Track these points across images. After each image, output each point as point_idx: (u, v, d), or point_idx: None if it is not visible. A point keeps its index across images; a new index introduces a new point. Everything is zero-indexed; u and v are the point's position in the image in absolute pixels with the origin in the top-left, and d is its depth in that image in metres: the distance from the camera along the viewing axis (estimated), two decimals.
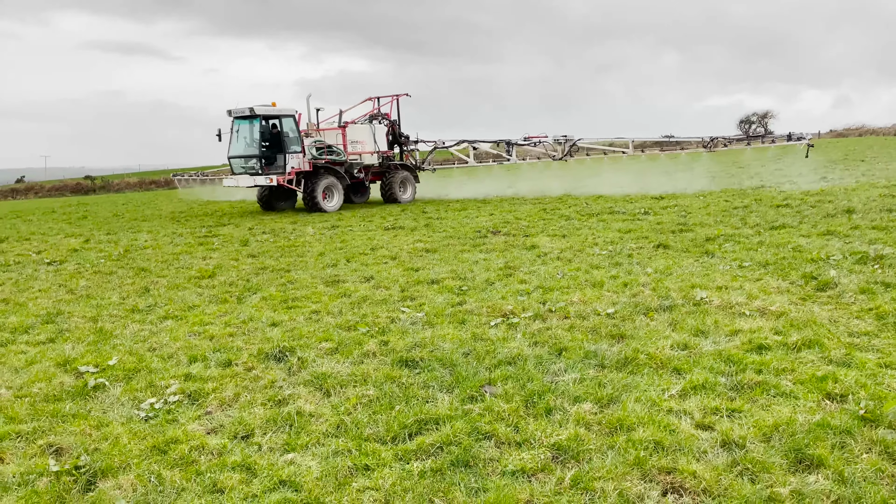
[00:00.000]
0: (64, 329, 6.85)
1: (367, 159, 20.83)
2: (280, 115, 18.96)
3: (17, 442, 4.21)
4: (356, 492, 3.43)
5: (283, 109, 19.00)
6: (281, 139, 18.87)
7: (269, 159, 18.85)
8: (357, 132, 20.62)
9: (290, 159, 18.95)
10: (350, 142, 20.18)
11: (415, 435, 4.05)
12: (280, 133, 18.88)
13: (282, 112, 18.96)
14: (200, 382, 5.08)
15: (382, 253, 10.88)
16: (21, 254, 12.90)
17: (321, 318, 6.85)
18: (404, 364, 5.29)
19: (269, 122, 18.93)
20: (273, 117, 19.00)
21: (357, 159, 20.54)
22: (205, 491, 3.51)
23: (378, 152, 21.16)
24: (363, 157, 20.73)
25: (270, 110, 18.71)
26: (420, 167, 22.97)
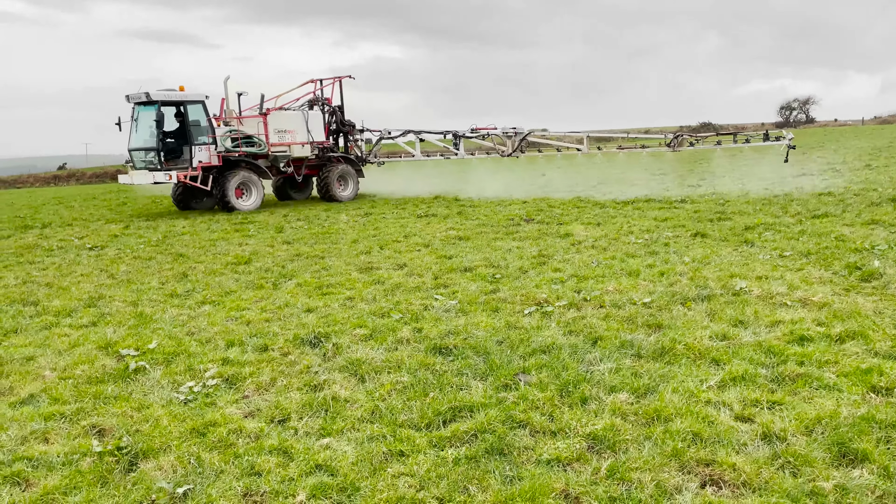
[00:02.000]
0: (105, 313, 7.01)
1: (297, 151, 18.34)
2: (184, 100, 16.70)
3: (61, 422, 4.32)
4: (391, 477, 3.45)
5: (190, 95, 16.75)
6: (186, 129, 16.67)
7: (174, 152, 16.80)
8: (284, 120, 18.28)
9: (196, 152, 16.66)
10: (275, 131, 17.88)
11: (449, 422, 4.06)
12: (185, 122, 16.67)
13: (186, 98, 16.70)
14: (238, 367, 5.16)
15: (415, 240, 10.89)
16: (64, 239, 13.23)
17: (355, 305, 6.89)
18: (438, 351, 5.30)
19: (172, 110, 16.85)
20: (175, 104, 16.77)
21: (284, 151, 18.13)
22: (243, 473, 3.57)
23: (313, 143, 18.68)
24: (292, 148, 18.24)
25: (172, 95, 16.54)
26: (365, 160, 20.66)
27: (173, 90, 16.56)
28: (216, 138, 16.88)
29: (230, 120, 17.55)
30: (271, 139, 17.75)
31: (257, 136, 17.47)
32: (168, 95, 16.43)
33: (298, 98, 19.17)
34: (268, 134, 17.65)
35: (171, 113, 16.88)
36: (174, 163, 16.66)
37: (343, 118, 19.89)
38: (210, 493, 3.37)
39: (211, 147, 16.79)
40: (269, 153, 17.75)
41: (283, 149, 18.11)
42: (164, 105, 16.49)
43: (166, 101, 16.47)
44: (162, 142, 16.56)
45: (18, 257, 11.14)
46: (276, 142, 17.91)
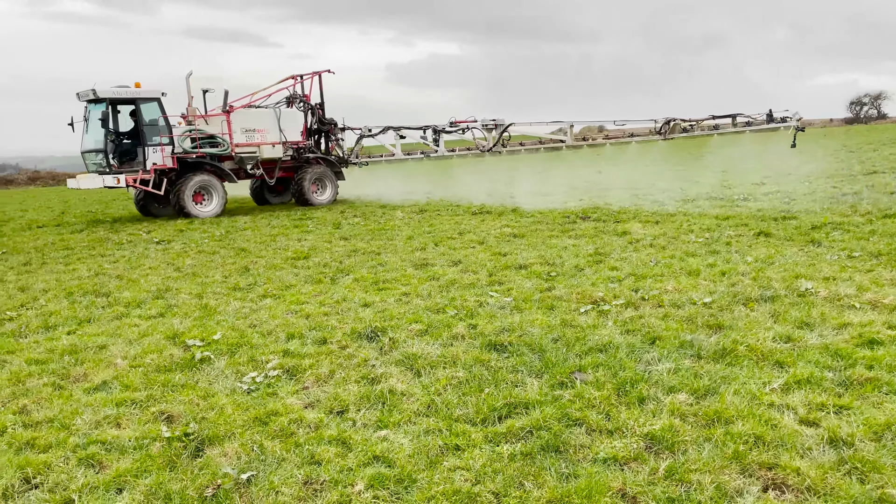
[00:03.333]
0: (172, 304, 7.29)
1: (267, 151, 17.12)
2: (137, 98, 15.58)
3: (132, 408, 4.52)
4: (447, 470, 3.49)
5: (143, 91, 15.66)
6: (139, 129, 15.68)
7: (129, 154, 15.85)
8: (253, 118, 17.04)
9: (150, 154, 15.62)
10: (242, 130, 16.74)
11: (504, 418, 4.07)
12: (138, 121, 15.68)
13: (139, 95, 15.59)
14: (298, 359, 5.29)
15: (470, 237, 10.92)
16: (133, 233, 13.79)
17: (411, 301, 6.96)
18: (493, 348, 5.31)
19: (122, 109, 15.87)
20: (126, 101, 15.66)
21: (252, 152, 16.91)
22: (303, 462, 3.67)
23: (286, 143, 17.47)
24: (262, 148, 17.02)
25: (122, 92, 15.43)
26: (347, 160, 19.14)
27: (127, 87, 15.52)
28: (173, 138, 15.82)
29: (193, 119, 16.37)
30: (237, 139, 16.59)
31: (221, 135, 16.38)
32: (118, 93, 15.39)
33: (270, 94, 17.87)
34: (231, 133, 16.47)
35: (128, 112, 15.99)
36: (129, 165, 15.71)
37: (323, 116, 18.52)
38: (272, 480, 3.48)
39: (167, 148, 15.75)
40: (234, 154, 16.58)
41: (250, 149, 16.88)
42: (113, 103, 15.55)
43: (116, 98, 15.43)
44: (114, 143, 15.65)
45: (91, 250, 11.68)
46: (243, 142, 16.74)
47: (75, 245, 12.43)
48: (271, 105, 17.60)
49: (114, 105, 15.64)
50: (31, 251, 11.96)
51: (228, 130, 16.49)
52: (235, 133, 16.58)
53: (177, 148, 15.79)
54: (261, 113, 17.29)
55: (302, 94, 18.04)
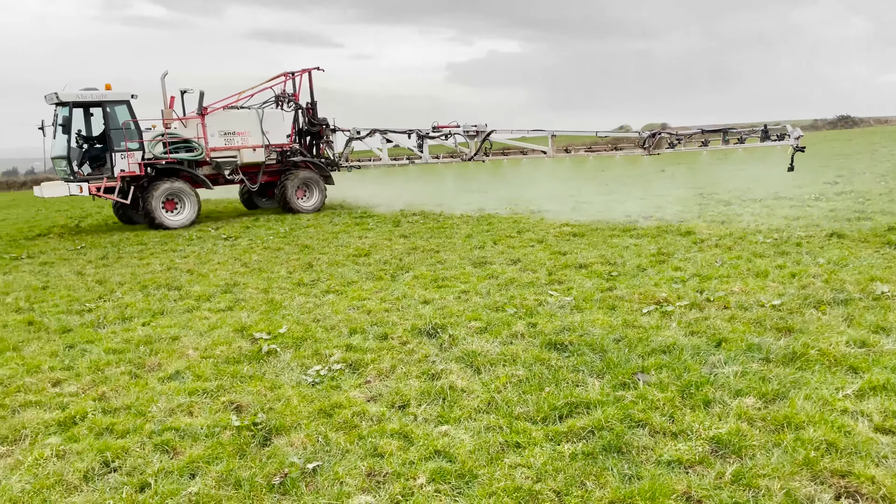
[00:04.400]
0: (240, 299, 7.53)
1: (247, 155, 16.07)
2: (104, 101, 14.60)
3: (203, 398, 4.70)
4: (508, 467, 3.51)
5: (110, 94, 14.68)
6: (106, 134, 14.73)
7: (99, 160, 15.00)
8: (232, 120, 15.97)
9: (118, 160, 14.67)
10: (221, 133, 15.72)
11: (565, 417, 4.06)
12: (107, 126, 14.71)
13: (106, 98, 14.60)
14: (360, 353, 5.39)
15: (529, 236, 10.87)
16: (201, 229, 14.28)
17: (470, 298, 6.99)
18: (553, 347, 5.30)
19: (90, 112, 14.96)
20: (91, 105, 14.76)
21: (231, 156, 15.90)
22: (367, 454, 3.75)
23: (269, 146, 16.40)
24: (242, 152, 15.98)
25: (87, 95, 14.51)
26: (337, 164, 17.91)
27: (96, 89, 14.66)
28: (143, 143, 14.91)
29: (169, 122, 15.44)
30: (214, 142, 15.64)
31: (196, 139, 15.42)
32: (83, 95, 14.50)
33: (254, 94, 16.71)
34: (206, 137, 15.52)
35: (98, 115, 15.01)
36: (100, 171, 14.85)
37: (314, 116, 17.37)
38: (337, 471, 3.57)
39: (137, 154, 14.83)
40: (209, 159, 15.65)
41: (229, 153, 15.86)
42: (77, 106, 14.63)
43: (80, 101, 14.51)
44: (81, 148, 14.89)
45: (163, 245, 12.17)
46: (221, 145, 15.74)
47: (148, 240, 12.97)
48: (254, 106, 16.53)
49: (86, 109, 14.91)
50: (108, 246, 12.53)
51: (203, 134, 15.51)
52: (212, 136, 15.62)
53: (147, 153, 14.89)
54: (241, 114, 16.25)
55: (290, 93, 17.00)
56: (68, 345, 6.06)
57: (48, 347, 6.01)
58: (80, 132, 14.90)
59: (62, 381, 5.15)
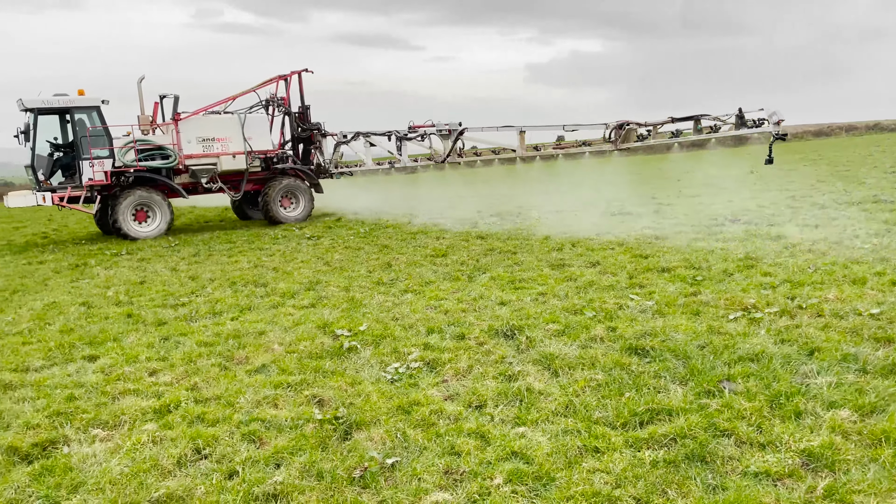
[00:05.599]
0: (322, 296, 7.75)
1: (226, 163, 15.34)
2: (71, 107, 14.00)
3: (287, 391, 4.87)
4: (586, 472, 3.46)
5: (80, 100, 14.13)
6: (74, 141, 14.14)
7: (70, 168, 14.46)
8: (211, 126, 15.27)
9: (86, 168, 14.10)
10: (198, 139, 15.08)
11: (646, 424, 3.97)
12: (74, 133, 14.12)
13: (74, 104, 14.02)
14: (437, 352, 5.45)
15: (608, 238, 10.68)
16: (287, 229, 14.78)
17: (547, 301, 6.94)
18: (633, 352, 5.19)
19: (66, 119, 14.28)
20: (57, 111, 14.15)
21: (209, 163, 15.20)
22: (444, 452, 3.79)
23: (251, 152, 15.56)
24: (221, 159, 15.26)
25: (54, 101, 13.91)
26: (327, 170, 17.05)
27: (65, 94, 14.14)
28: (113, 151, 14.31)
29: (145, 128, 14.83)
30: (191, 149, 15.03)
31: (172, 146, 14.82)
32: (48, 101, 13.90)
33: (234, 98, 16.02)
34: (179, 143, 14.89)
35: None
36: (72, 180, 14.38)
37: (304, 120, 16.64)
38: (415, 467, 3.63)
39: (107, 162, 14.26)
40: (184, 167, 15.00)
41: (207, 160, 15.19)
42: (43, 113, 14.03)
43: (44, 108, 13.92)
44: (51, 156, 14.46)
45: (250, 244, 12.67)
46: (198, 152, 15.09)
47: (237, 239, 13.53)
48: (239, 111, 15.85)
49: (62, 115, 14.37)
50: (199, 244, 13.15)
51: (176, 140, 14.88)
52: (189, 143, 14.99)
53: (117, 161, 14.28)
54: (221, 120, 15.50)
55: (280, 96, 16.30)
56: (163, 337, 6.41)
57: (145, 339, 6.37)
58: (57, 139, 14.51)
59: (158, 370, 5.45)
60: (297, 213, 16.24)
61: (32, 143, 13.83)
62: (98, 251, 12.85)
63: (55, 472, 3.80)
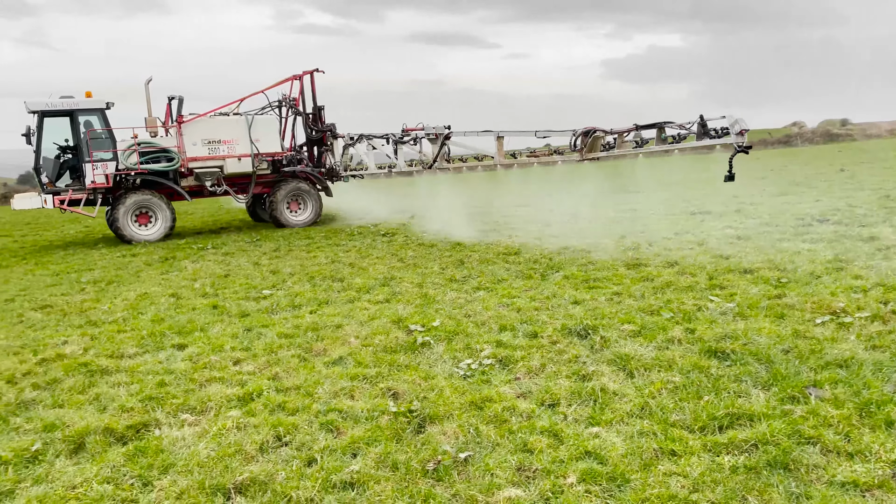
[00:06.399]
0: (396, 292, 7.88)
1: (231, 165, 15.15)
2: (75, 110, 14.09)
3: (363, 383, 4.99)
4: (662, 474, 3.41)
5: (83, 102, 14.19)
6: (77, 144, 14.26)
7: (75, 171, 14.52)
8: (218, 128, 15.10)
9: (90, 171, 14.18)
10: (204, 142, 14.93)
11: (725, 428, 3.87)
12: (77, 136, 14.24)
13: (77, 106, 14.10)
14: (510, 350, 5.46)
15: (687, 238, 10.40)
16: (362, 227, 15.08)
17: (622, 300, 6.83)
18: (713, 354, 5.05)
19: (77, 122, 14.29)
20: (61, 114, 14.10)
21: (215, 165, 15.05)
22: (516, 449, 3.80)
23: (258, 155, 15.32)
24: (227, 162, 15.12)
25: (57, 104, 13.99)
26: (336, 174, 16.62)
27: (71, 97, 14.27)
28: (117, 153, 14.34)
29: (152, 130, 14.81)
30: (196, 151, 14.92)
31: (175, 148, 14.77)
32: (52, 104, 13.99)
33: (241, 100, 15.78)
34: (182, 146, 14.77)
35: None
36: (79, 183, 14.47)
37: (316, 122, 16.37)
38: (487, 463, 3.66)
39: (110, 164, 14.31)
40: (185, 169, 14.88)
41: (212, 163, 15.04)
42: (47, 116, 14.10)
43: (48, 111, 13.99)
44: (58, 159, 14.51)
45: (328, 240, 13.01)
46: (203, 155, 14.96)
47: (315, 235, 13.92)
48: (250, 112, 15.66)
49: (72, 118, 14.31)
50: (280, 239, 13.60)
51: (179, 143, 14.77)
52: (194, 145, 14.89)
53: (120, 163, 14.34)
54: (228, 122, 15.28)
55: (292, 97, 16.09)
56: (246, 328, 6.68)
57: (229, 329, 6.65)
58: (68, 141, 14.58)
59: (241, 360, 5.69)
60: (303, 218, 15.96)
61: (36, 145, 14.02)
62: (185, 245, 13.49)
63: (147, 454, 4.03)
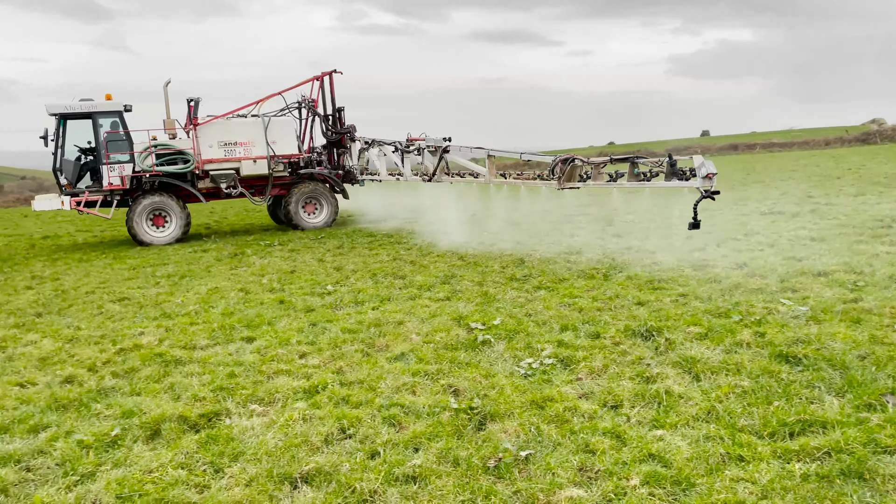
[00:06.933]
0: (457, 290, 7.93)
1: (247, 168, 15.03)
2: (93, 112, 14.16)
3: (424, 379, 5.05)
4: (729, 480, 3.33)
5: (101, 105, 14.25)
6: (96, 146, 14.37)
7: (95, 172, 14.62)
8: (234, 130, 15.00)
9: (107, 173, 14.31)
10: (220, 144, 14.88)
11: (796, 435, 3.75)
12: (96, 138, 14.30)
13: (95, 109, 14.16)
14: (571, 350, 5.43)
15: (758, 239, 10.08)
16: (419, 225, 15.19)
17: (688, 302, 6.69)
18: (784, 359, 4.89)
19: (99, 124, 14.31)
20: (80, 116, 14.19)
21: (229, 168, 14.97)
22: (578, 449, 3.78)
23: (273, 157, 15.19)
24: (242, 163, 15.01)
25: (76, 107, 14.07)
26: (354, 177, 16.16)
27: (91, 100, 14.31)
28: (133, 155, 14.41)
29: (170, 132, 14.83)
30: (212, 153, 14.85)
31: (192, 151, 14.72)
32: (71, 107, 14.08)
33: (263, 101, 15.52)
34: (196, 148, 14.73)
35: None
36: (98, 185, 14.54)
37: (335, 123, 16.05)
38: (549, 462, 3.65)
39: (127, 167, 14.41)
40: (199, 171, 14.83)
41: (227, 165, 14.97)
42: (66, 118, 14.19)
43: (66, 113, 14.11)
44: (79, 161, 14.60)
45: (389, 238, 13.17)
46: (219, 157, 14.90)
47: (377, 233, 14.11)
48: (269, 114, 15.48)
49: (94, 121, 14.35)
50: (343, 237, 13.85)
51: (193, 145, 14.73)
52: (210, 147, 14.86)
53: (137, 165, 14.39)
54: (244, 124, 15.17)
55: (310, 99, 15.89)
56: (311, 323, 6.84)
57: (295, 324, 6.83)
58: (91, 143, 14.66)
59: (307, 353, 5.84)
60: (319, 220, 15.84)
61: (55, 147, 14.21)
62: (253, 241, 13.89)
63: (219, 441, 4.19)
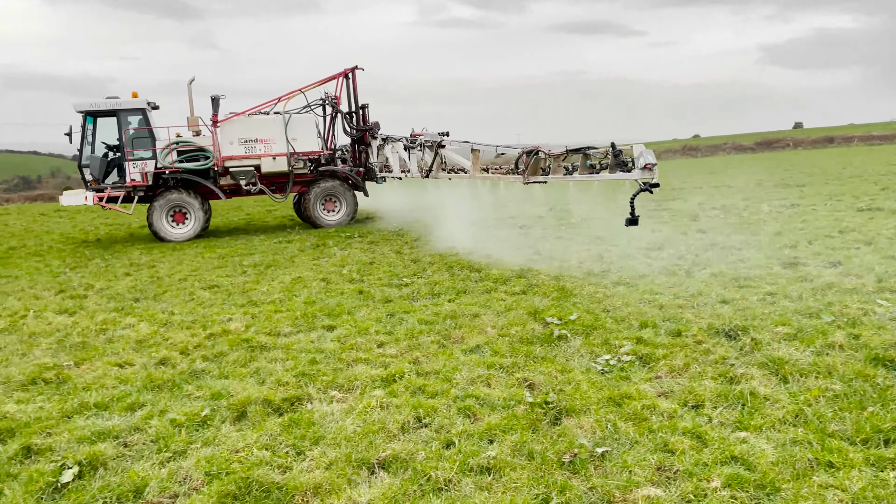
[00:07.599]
0: (533, 284, 7.88)
1: (267, 165, 14.98)
2: (118, 110, 14.42)
3: (499, 372, 5.06)
4: (817, 486, 3.19)
5: (126, 103, 14.48)
6: (119, 143, 14.58)
7: (121, 168, 14.75)
8: (255, 127, 14.98)
9: (131, 169, 14.49)
10: (241, 141, 14.87)
11: (892, 442, 3.55)
12: (120, 135, 14.53)
13: (120, 106, 14.42)
14: (651, 347, 5.31)
15: (854, 236, 9.55)
16: (499, 218, 15.17)
17: (777, 301, 6.42)
18: (880, 363, 4.63)
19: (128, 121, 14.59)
20: (106, 113, 14.47)
21: (249, 165, 14.94)
22: (656, 448, 3.71)
23: (293, 154, 15.10)
24: (262, 161, 14.95)
25: (101, 104, 14.34)
26: (374, 175, 15.88)
27: (117, 97, 14.64)
28: (156, 152, 14.58)
29: (194, 129, 14.89)
30: (233, 150, 14.88)
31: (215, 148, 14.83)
32: (96, 104, 14.37)
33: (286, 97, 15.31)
34: (216, 145, 14.78)
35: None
36: (123, 181, 14.73)
37: (358, 120, 15.78)
38: (626, 460, 3.60)
39: (150, 163, 14.59)
40: (218, 168, 14.84)
41: (248, 162, 14.98)
42: (92, 115, 14.48)
43: (91, 111, 14.42)
44: (105, 157, 14.79)
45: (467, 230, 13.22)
46: (239, 154, 14.92)
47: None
48: (293, 111, 15.41)
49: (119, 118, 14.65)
50: (422, 229, 14.01)
51: (213, 142, 14.83)
52: (231, 144, 14.90)
53: (159, 162, 14.58)
54: (265, 121, 15.18)
55: (333, 95, 15.71)
56: (389, 313, 6.97)
57: (374, 314, 6.98)
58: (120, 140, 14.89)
59: (384, 343, 5.96)
60: (337, 218, 15.78)
61: (80, 144, 14.51)
62: (334, 233, 14.25)
63: (300, 425, 4.33)
